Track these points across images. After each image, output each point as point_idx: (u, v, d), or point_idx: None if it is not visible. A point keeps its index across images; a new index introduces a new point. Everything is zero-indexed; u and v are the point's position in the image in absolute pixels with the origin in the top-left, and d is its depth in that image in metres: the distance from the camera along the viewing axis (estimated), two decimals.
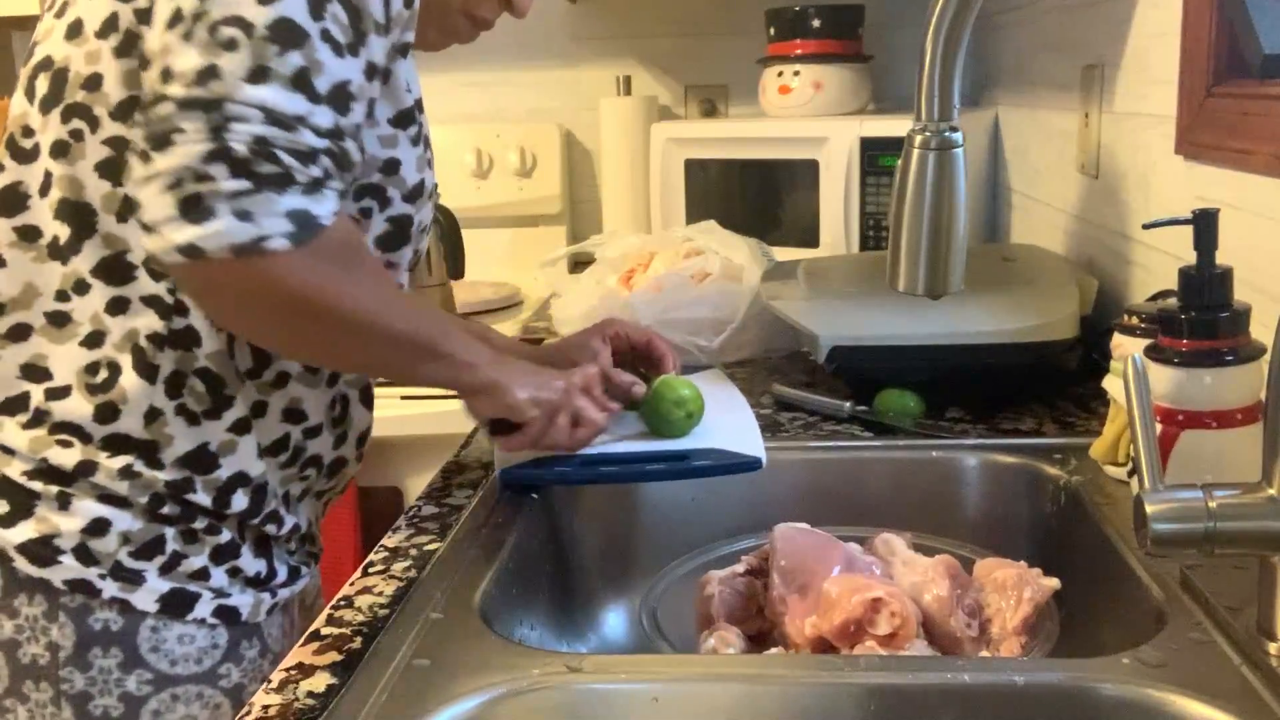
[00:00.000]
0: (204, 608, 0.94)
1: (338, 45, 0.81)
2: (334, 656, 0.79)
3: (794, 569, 0.91)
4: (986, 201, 2.06)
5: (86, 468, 0.89)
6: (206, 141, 0.76)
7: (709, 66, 2.42)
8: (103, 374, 0.89)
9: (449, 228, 1.95)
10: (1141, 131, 1.31)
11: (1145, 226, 0.94)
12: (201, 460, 0.92)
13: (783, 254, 1.79)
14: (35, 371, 0.90)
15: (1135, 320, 1.01)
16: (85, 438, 0.90)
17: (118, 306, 0.89)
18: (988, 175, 2.05)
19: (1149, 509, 0.71)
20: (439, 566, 0.93)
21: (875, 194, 1.90)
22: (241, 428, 0.94)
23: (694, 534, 1.10)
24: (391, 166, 0.93)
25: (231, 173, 0.76)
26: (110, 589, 0.90)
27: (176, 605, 0.93)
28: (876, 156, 1.89)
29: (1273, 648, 0.72)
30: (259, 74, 0.78)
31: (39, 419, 0.90)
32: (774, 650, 0.89)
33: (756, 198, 2.05)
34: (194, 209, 0.76)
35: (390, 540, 0.99)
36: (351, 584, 0.91)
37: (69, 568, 0.90)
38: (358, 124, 0.85)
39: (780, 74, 2.09)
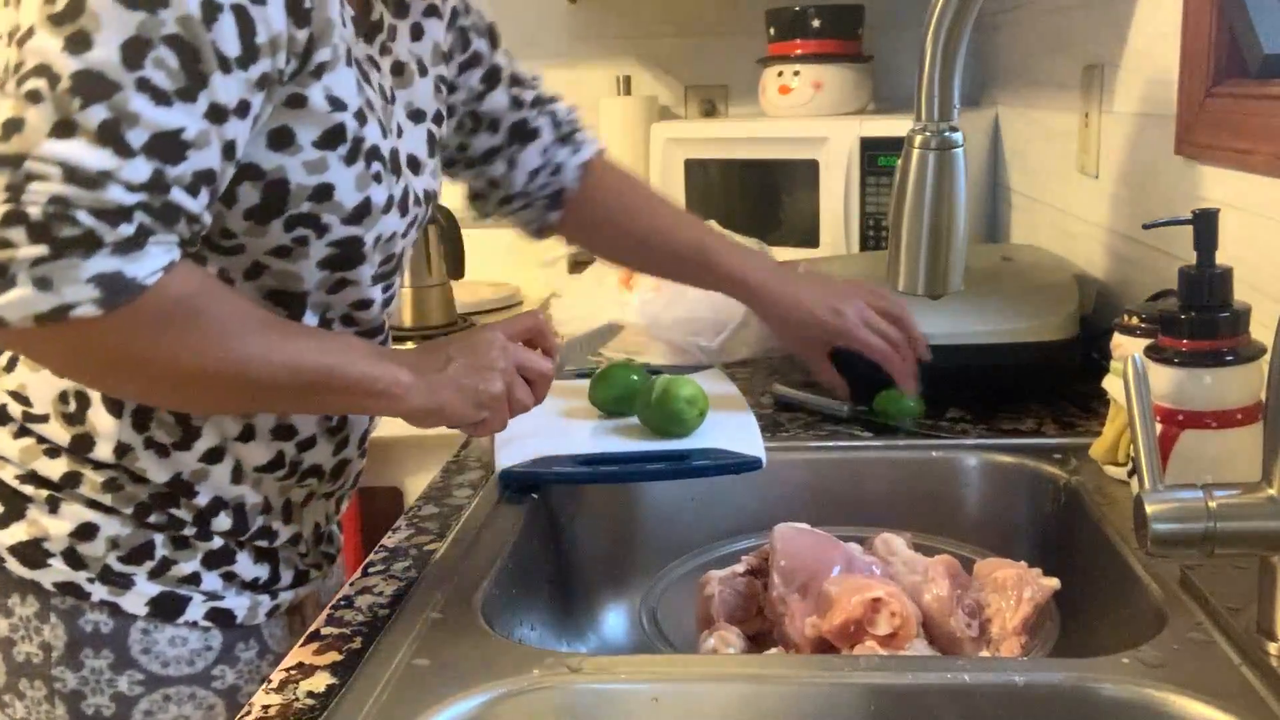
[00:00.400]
0: (196, 610, 0.93)
1: (160, 93, 0.74)
2: (334, 656, 0.79)
3: (794, 569, 0.91)
4: (986, 201, 2.06)
5: (72, 478, 0.90)
6: (4, 204, 0.72)
7: (709, 66, 2.42)
8: (73, 404, 0.89)
9: (449, 228, 1.95)
10: (1141, 131, 1.31)
11: (1145, 226, 0.95)
12: (178, 487, 0.91)
13: (783, 254, 1.79)
14: (19, 398, 0.91)
15: (1135, 320, 1.01)
16: (69, 454, 0.90)
17: None
18: (988, 175, 2.05)
19: (1149, 509, 0.71)
20: (439, 566, 0.93)
21: (875, 194, 1.90)
22: (213, 457, 0.92)
23: (694, 534, 1.10)
24: (323, 192, 0.86)
25: (30, 237, 0.71)
26: (99, 592, 0.90)
27: (167, 608, 0.92)
28: (876, 156, 1.89)
29: (1273, 648, 0.72)
30: (62, 128, 0.72)
31: (25, 433, 0.91)
32: (774, 650, 0.89)
33: (756, 198, 2.05)
34: None
35: (390, 540, 0.99)
36: (351, 584, 0.91)
37: (58, 570, 0.90)
38: (209, 169, 0.78)
39: (780, 74, 2.09)
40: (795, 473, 1.15)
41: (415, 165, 0.99)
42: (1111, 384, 1.03)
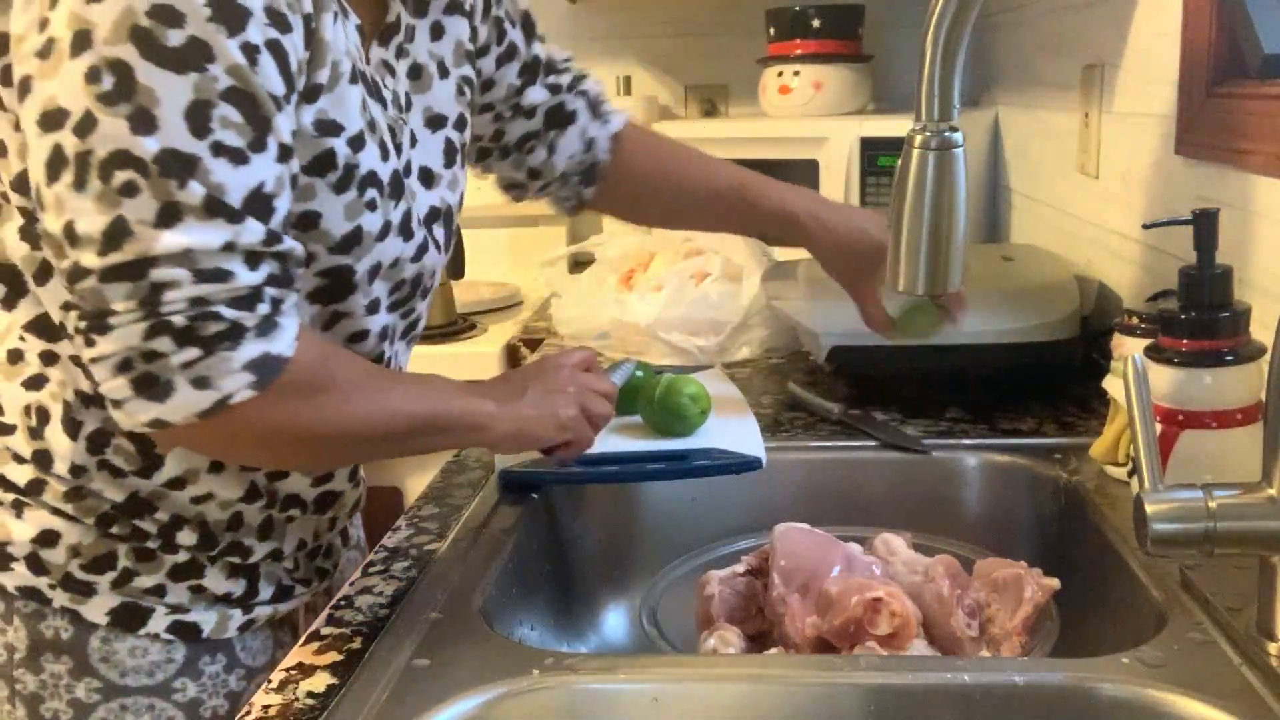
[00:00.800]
0: (158, 623, 0.92)
1: (236, 152, 0.73)
2: (334, 656, 0.79)
3: (794, 569, 0.91)
4: (986, 201, 2.06)
5: (37, 485, 0.89)
6: (142, 320, 0.72)
7: (709, 66, 2.42)
8: (34, 419, 0.88)
9: None
10: (1141, 131, 1.31)
11: (1145, 226, 0.95)
12: (137, 504, 0.90)
13: (783, 254, 1.79)
14: None
15: (1135, 320, 1.01)
16: (33, 464, 0.89)
17: (50, 359, 0.87)
18: (988, 175, 2.05)
19: (1149, 509, 0.71)
20: (439, 566, 0.93)
21: (875, 194, 1.90)
22: (176, 485, 0.90)
23: (694, 534, 1.10)
24: (308, 220, 0.84)
25: (177, 344, 0.73)
26: (60, 599, 0.89)
27: (127, 619, 0.91)
28: (876, 156, 1.89)
29: (1273, 648, 0.72)
30: (168, 215, 0.72)
31: None
32: (774, 650, 0.89)
33: None
34: (149, 387, 0.74)
35: (390, 540, 0.99)
36: (351, 584, 0.91)
37: (21, 574, 0.89)
38: (288, 209, 0.79)
39: (780, 74, 2.09)
40: (795, 473, 1.15)
41: (428, 178, 0.96)
42: (1111, 384, 1.03)
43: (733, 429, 1.13)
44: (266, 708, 0.73)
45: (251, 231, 0.74)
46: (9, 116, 0.80)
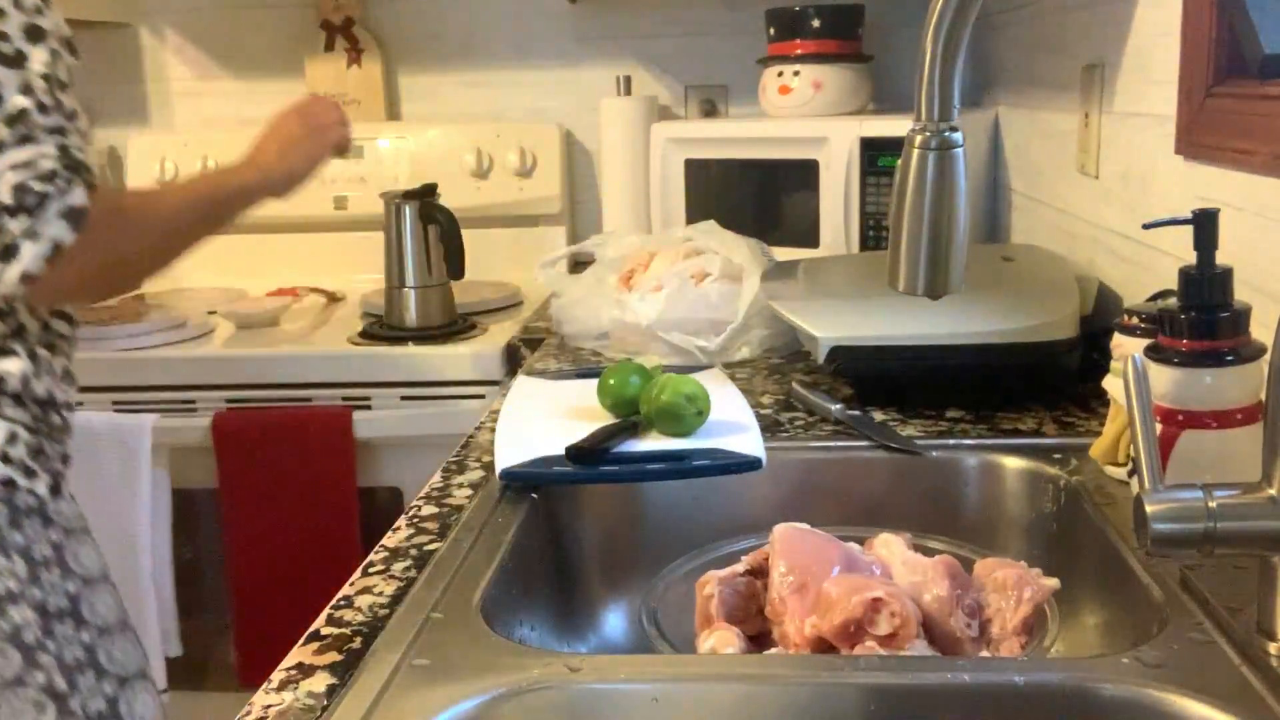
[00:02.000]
0: None
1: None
2: (334, 656, 0.79)
3: (794, 569, 0.91)
4: (986, 201, 2.06)
5: None
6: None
7: (709, 66, 2.42)
8: None
9: (449, 227, 1.95)
10: (1141, 131, 1.31)
11: (1145, 226, 0.94)
12: None
13: (783, 254, 1.79)
14: None
15: (1135, 320, 1.01)
16: None
17: None
18: (988, 175, 2.05)
19: (1149, 509, 0.71)
20: (439, 566, 0.93)
21: (875, 194, 1.90)
22: None
23: (694, 534, 1.10)
24: None
25: (10, 215, 1.05)
26: None
27: None
28: (876, 156, 1.89)
29: (1273, 648, 0.72)
30: None
31: None
32: (774, 650, 0.89)
33: (756, 198, 2.05)
34: (4, 256, 1.06)
35: (390, 540, 0.99)
36: (351, 584, 0.91)
37: None
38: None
39: (780, 74, 2.09)
40: (795, 473, 1.15)
41: None
42: (1111, 384, 1.03)
43: (732, 429, 1.13)
44: (267, 708, 0.73)
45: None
46: None
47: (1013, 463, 1.11)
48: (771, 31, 2.13)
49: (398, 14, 2.46)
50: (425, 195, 1.97)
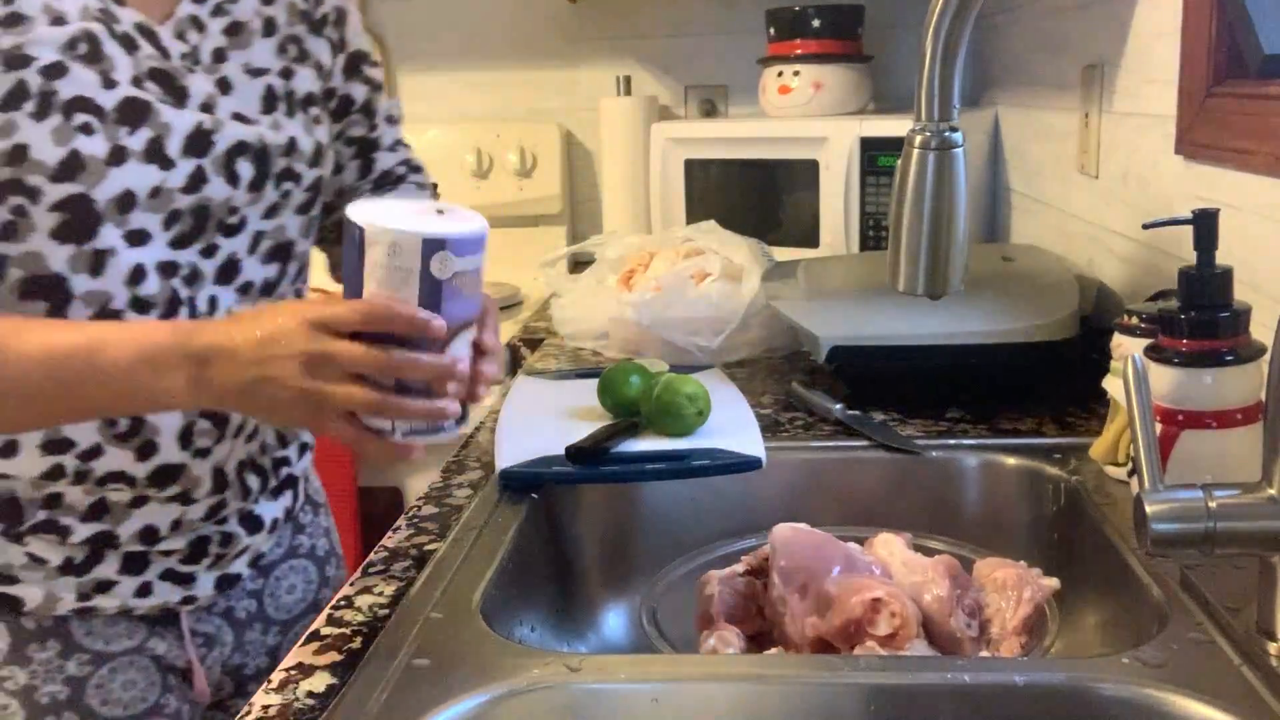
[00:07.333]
0: None
1: None
2: (334, 656, 0.79)
3: (794, 569, 0.91)
4: (986, 201, 2.06)
5: None
6: None
7: (709, 66, 2.42)
8: None
9: None
10: (1141, 131, 1.31)
11: (1145, 226, 0.94)
12: None
13: (783, 254, 1.79)
14: None
15: (1135, 320, 1.01)
16: None
17: None
18: (988, 175, 2.05)
19: (1149, 509, 0.71)
20: (439, 566, 0.93)
21: (875, 194, 1.90)
22: None
23: (694, 534, 1.10)
24: (17, 154, 0.85)
25: None
26: None
27: None
28: (876, 156, 1.89)
29: (1273, 648, 0.72)
30: None
31: None
32: (774, 650, 0.89)
33: (756, 198, 2.05)
34: None
35: (390, 540, 0.99)
36: (351, 584, 0.91)
37: None
38: None
39: (780, 74, 2.09)
40: (795, 473, 1.15)
41: (242, 119, 0.96)
42: (1111, 384, 1.03)
43: (732, 429, 1.13)
44: (266, 708, 0.73)
45: None
46: None
47: (1013, 463, 1.11)
48: (771, 31, 2.13)
49: (398, 14, 2.46)
50: None
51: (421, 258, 0.77)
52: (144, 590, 0.98)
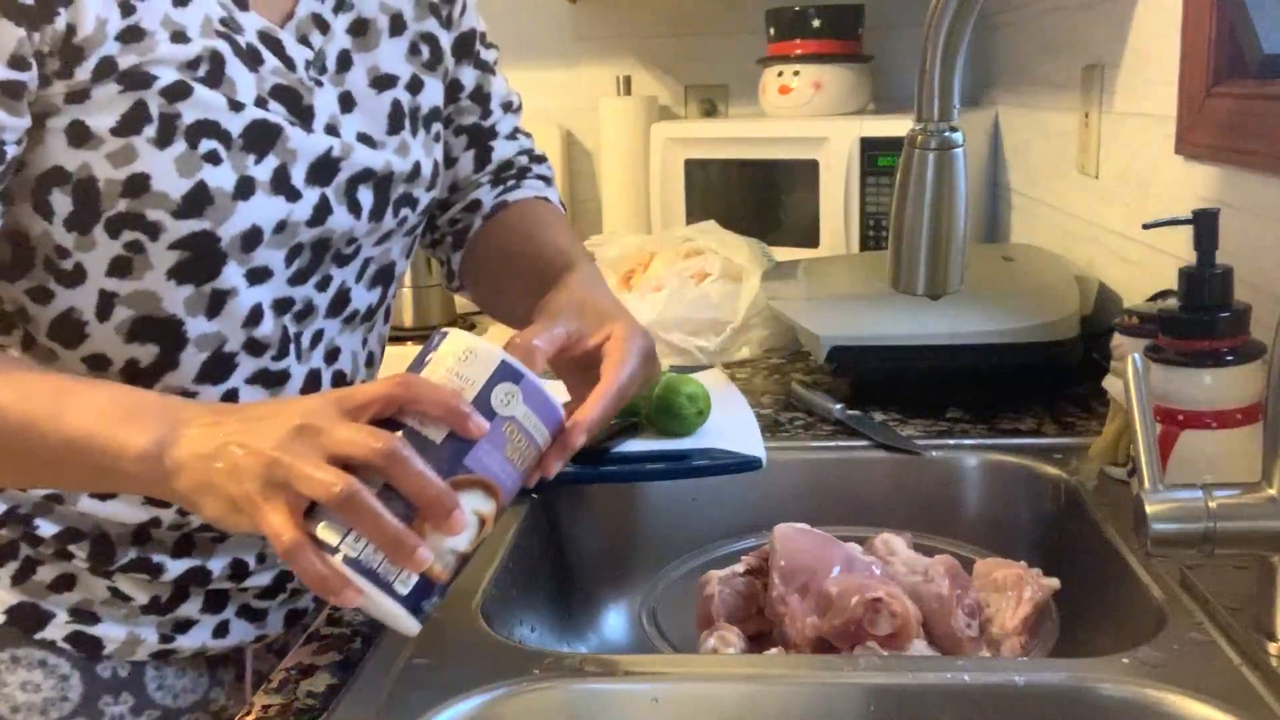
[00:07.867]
0: (57, 630, 0.86)
1: None
2: (334, 656, 0.79)
3: (794, 569, 0.91)
4: (986, 201, 2.06)
5: None
6: None
7: (709, 66, 2.42)
8: None
9: None
10: (1141, 131, 1.31)
11: (1145, 226, 0.94)
12: (15, 516, 0.85)
13: (783, 254, 1.79)
14: None
15: (1135, 320, 1.01)
16: None
17: None
18: (988, 175, 2.05)
19: (1149, 509, 0.71)
20: None
21: (875, 194, 1.90)
22: (56, 499, 0.85)
23: (694, 534, 1.10)
24: (135, 185, 0.76)
25: None
26: None
27: (24, 619, 0.85)
28: (876, 156, 1.89)
29: (1273, 648, 0.72)
30: None
31: None
32: (774, 650, 0.89)
33: (756, 198, 2.05)
34: None
35: None
36: None
37: None
38: None
39: (780, 74, 2.09)
40: (795, 473, 1.15)
41: (368, 140, 0.89)
42: (1111, 384, 1.03)
43: (732, 429, 1.13)
44: (266, 708, 0.73)
45: None
46: None
47: (1013, 463, 1.11)
48: (771, 31, 2.13)
49: None
50: None
51: (490, 377, 0.69)
52: (221, 630, 0.94)
